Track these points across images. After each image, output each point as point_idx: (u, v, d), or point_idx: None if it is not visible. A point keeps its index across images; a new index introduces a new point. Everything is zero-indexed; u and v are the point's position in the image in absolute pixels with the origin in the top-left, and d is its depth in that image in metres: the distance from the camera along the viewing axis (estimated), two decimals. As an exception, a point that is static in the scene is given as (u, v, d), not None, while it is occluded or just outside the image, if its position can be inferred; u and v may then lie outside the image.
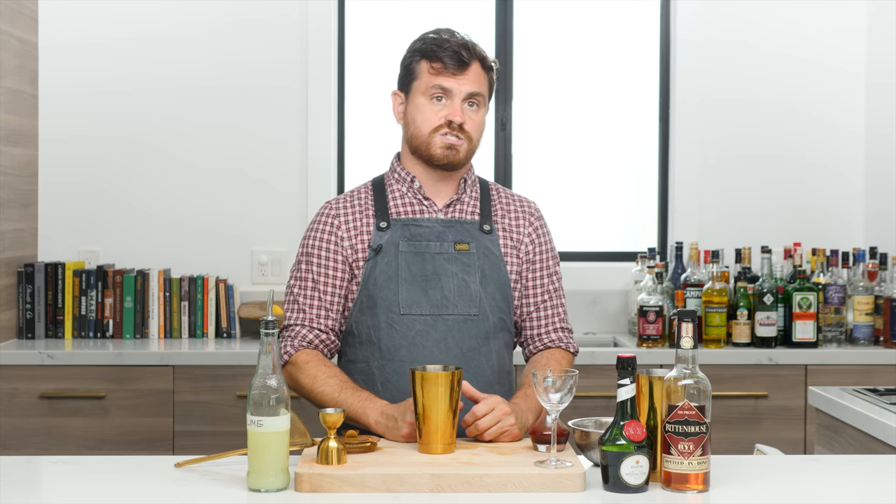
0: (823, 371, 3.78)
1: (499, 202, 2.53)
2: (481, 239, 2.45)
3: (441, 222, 2.44)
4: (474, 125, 2.42)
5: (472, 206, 2.49)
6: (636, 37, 4.51)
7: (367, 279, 2.41)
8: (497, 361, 2.43)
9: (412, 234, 2.42)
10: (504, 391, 2.43)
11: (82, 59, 4.25)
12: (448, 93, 2.40)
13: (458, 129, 2.39)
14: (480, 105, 2.44)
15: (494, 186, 2.57)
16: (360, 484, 1.91)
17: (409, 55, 2.46)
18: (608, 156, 4.53)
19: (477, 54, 2.43)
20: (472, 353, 2.38)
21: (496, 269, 2.43)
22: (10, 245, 3.96)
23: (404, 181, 2.48)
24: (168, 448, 3.68)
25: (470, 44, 2.43)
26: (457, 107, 2.39)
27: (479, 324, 2.39)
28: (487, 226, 2.47)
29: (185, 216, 4.28)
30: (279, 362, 1.94)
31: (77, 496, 1.93)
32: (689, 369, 1.91)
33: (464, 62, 2.39)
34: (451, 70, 2.39)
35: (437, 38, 2.43)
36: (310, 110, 4.29)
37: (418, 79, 2.43)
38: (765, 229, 4.35)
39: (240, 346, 3.92)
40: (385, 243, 2.41)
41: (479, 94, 2.42)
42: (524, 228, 2.51)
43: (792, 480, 2.04)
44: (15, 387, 3.67)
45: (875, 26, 4.35)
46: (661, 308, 3.86)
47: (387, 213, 2.45)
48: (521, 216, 2.53)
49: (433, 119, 2.40)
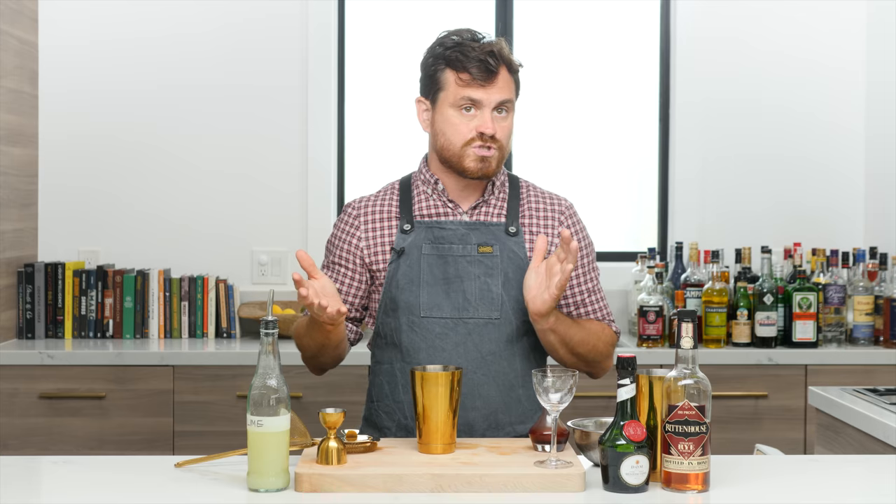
0: (823, 371, 3.78)
1: (527, 202, 2.48)
2: (506, 241, 2.41)
3: (465, 224, 2.42)
4: (504, 132, 2.38)
5: (499, 207, 2.45)
6: (636, 37, 4.51)
7: (389, 282, 2.40)
8: (521, 365, 2.40)
9: (435, 236, 2.40)
10: (529, 395, 2.39)
11: (82, 59, 4.26)
12: (477, 103, 2.35)
13: (490, 140, 2.35)
14: (509, 111, 2.39)
15: (525, 184, 2.52)
16: (360, 484, 1.91)
17: (433, 62, 2.40)
18: (608, 156, 4.53)
19: (504, 59, 2.36)
20: (492, 356, 2.36)
21: (521, 272, 2.38)
22: (10, 245, 3.96)
23: (429, 183, 2.45)
24: (168, 448, 3.68)
25: (496, 48, 2.37)
26: (487, 118, 2.34)
27: (500, 327, 2.37)
28: (513, 227, 2.43)
29: (186, 216, 4.28)
30: (279, 362, 1.94)
31: (77, 496, 1.93)
32: (689, 369, 1.91)
33: (492, 71, 2.34)
34: (479, 81, 2.34)
35: (461, 43, 2.37)
36: (310, 110, 4.29)
37: (445, 89, 2.37)
38: (765, 229, 4.35)
39: (240, 346, 3.92)
40: (408, 246, 2.40)
41: (508, 100, 2.37)
42: (553, 229, 2.46)
43: (792, 480, 2.04)
44: (15, 387, 3.67)
45: (875, 26, 4.35)
46: (661, 308, 3.86)
47: (411, 215, 2.43)
48: (549, 216, 2.47)
49: (465, 132, 2.35)
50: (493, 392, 2.35)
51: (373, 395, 2.46)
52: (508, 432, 2.37)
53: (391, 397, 2.40)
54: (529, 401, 2.40)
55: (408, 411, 2.37)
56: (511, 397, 2.37)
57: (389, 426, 2.39)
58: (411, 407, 2.33)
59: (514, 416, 2.38)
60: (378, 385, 2.43)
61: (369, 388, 2.49)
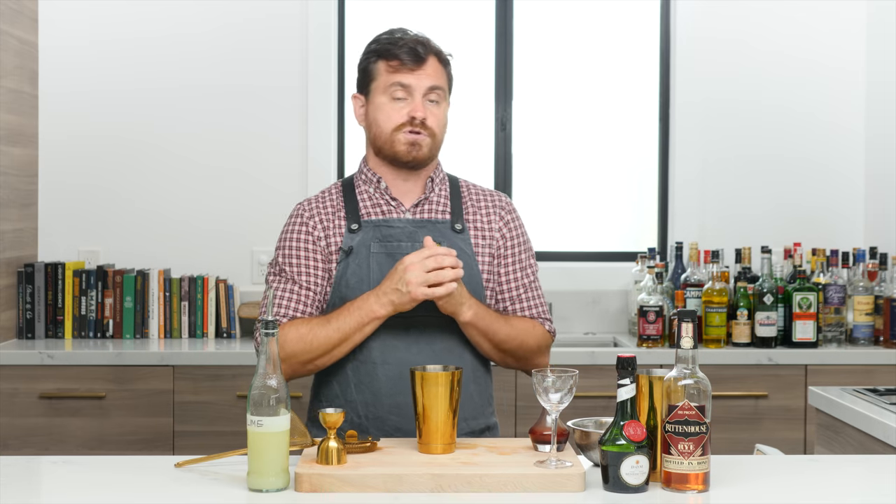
0: (823, 371, 3.78)
1: (469, 199, 2.51)
2: (453, 238, 2.43)
3: (412, 222, 2.43)
4: (437, 120, 2.41)
5: (443, 205, 2.48)
6: (636, 37, 4.52)
7: (339, 281, 2.40)
8: (471, 360, 2.42)
9: (383, 235, 2.41)
10: (480, 390, 2.43)
11: (82, 59, 4.26)
12: (408, 89, 2.39)
13: (420, 125, 2.39)
14: (441, 100, 2.43)
15: (464, 183, 2.56)
16: (360, 484, 1.91)
17: (365, 57, 2.48)
18: (608, 156, 4.53)
19: (432, 49, 2.43)
20: (444, 352, 2.37)
21: (468, 269, 2.40)
22: (10, 245, 3.96)
23: (371, 182, 2.47)
24: (168, 448, 3.68)
25: (424, 39, 2.44)
26: (418, 102, 2.39)
27: (451, 324, 2.37)
28: (459, 225, 2.45)
29: (186, 216, 4.28)
30: (279, 361, 1.94)
31: (77, 496, 1.93)
32: (689, 369, 1.91)
33: (420, 57, 2.40)
34: (408, 66, 2.39)
35: (391, 37, 2.45)
36: (310, 110, 4.29)
37: (376, 79, 2.43)
38: (765, 229, 4.35)
39: (240, 346, 3.92)
40: (356, 245, 2.40)
41: (439, 87, 2.42)
42: (495, 223, 2.49)
43: (792, 480, 2.04)
44: (15, 387, 3.67)
45: (875, 26, 4.35)
46: (661, 308, 3.86)
47: (357, 214, 2.44)
48: (491, 212, 2.51)
49: (395, 117, 2.40)
50: None
51: (320, 395, 2.44)
52: (462, 428, 2.35)
53: (342, 397, 2.39)
54: (481, 396, 2.43)
55: (361, 410, 2.36)
56: (464, 394, 2.36)
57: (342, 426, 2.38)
58: (365, 406, 2.35)
59: (468, 412, 2.39)
60: (327, 384, 2.42)
61: (314, 388, 2.47)
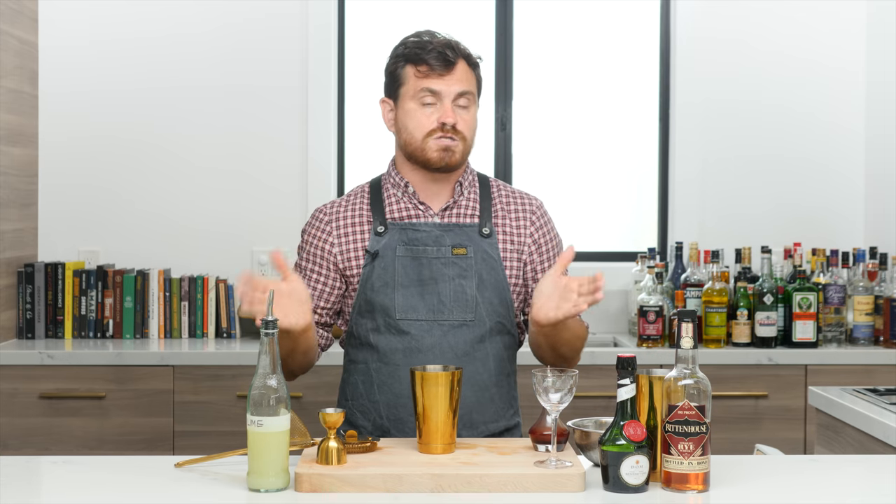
0: (823, 371, 3.78)
1: (499, 201, 2.50)
2: (480, 243, 2.42)
3: (439, 226, 2.42)
4: (467, 125, 2.40)
5: (471, 208, 2.46)
6: (636, 37, 4.51)
7: (364, 284, 2.40)
8: (495, 365, 2.41)
9: (409, 238, 2.41)
10: (502, 393, 2.43)
11: (82, 59, 4.26)
12: (437, 95, 2.37)
13: (451, 131, 2.37)
14: (471, 103, 2.41)
15: (496, 183, 2.53)
16: (360, 484, 1.91)
17: (393, 61, 2.44)
18: (608, 156, 4.53)
19: (461, 52, 2.40)
20: (466, 357, 2.37)
21: (494, 274, 2.41)
22: (10, 245, 3.96)
23: (398, 186, 2.46)
24: (168, 448, 3.68)
25: (453, 42, 2.41)
26: (448, 108, 2.37)
27: (474, 329, 2.38)
28: (487, 229, 2.44)
29: (185, 216, 4.28)
30: (279, 361, 1.94)
31: (77, 496, 1.93)
32: (689, 369, 1.92)
33: (450, 62, 2.37)
34: (437, 71, 2.37)
35: (419, 40, 2.41)
36: (310, 110, 4.29)
37: (405, 84, 2.40)
38: (765, 229, 4.35)
39: (240, 346, 3.92)
40: (382, 248, 2.40)
41: (469, 92, 2.40)
42: (525, 230, 2.48)
43: (792, 480, 2.04)
44: (15, 387, 3.67)
45: (875, 26, 4.35)
46: (661, 308, 3.86)
47: (384, 217, 2.44)
48: (521, 217, 2.49)
49: (425, 123, 2.38)
50: (467, 392, 2.34)
51: (347, 394, 2.46)
52: (482, 431, 2.38)
53: (366, 397, 2.40)
54: (502, 400, 2.43)
55: (383, 411, 2.38)
56: (484, 397, 2.39)
57: (365, 425, 2.40)
58: (387, 407, 2.37)
59: (488, 416, 2.40)
60: (353, 384, 2.43)
61: (342, 387, 2.49)
